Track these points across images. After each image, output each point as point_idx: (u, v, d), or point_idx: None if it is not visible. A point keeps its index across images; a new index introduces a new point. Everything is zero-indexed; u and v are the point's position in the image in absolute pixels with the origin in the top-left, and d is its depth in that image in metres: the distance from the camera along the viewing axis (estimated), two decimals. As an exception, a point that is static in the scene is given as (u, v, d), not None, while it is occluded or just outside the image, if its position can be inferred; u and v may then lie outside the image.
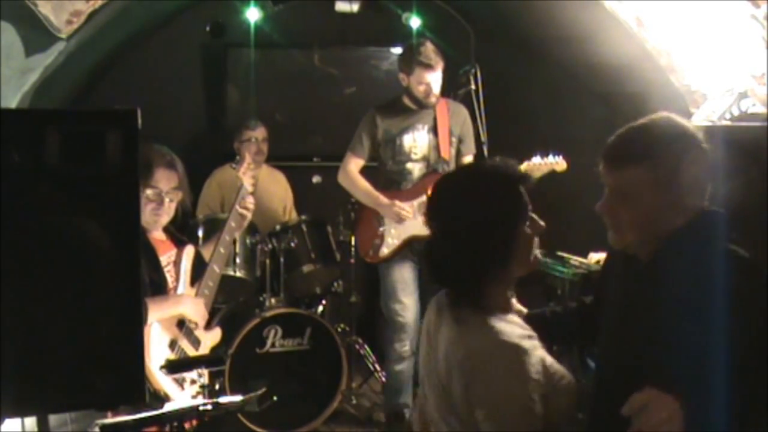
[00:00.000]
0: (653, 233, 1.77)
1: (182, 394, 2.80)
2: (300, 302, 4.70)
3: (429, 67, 4.01)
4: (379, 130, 4.20)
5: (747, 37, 3.38)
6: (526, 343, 1.71)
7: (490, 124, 3.74)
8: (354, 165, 4.25)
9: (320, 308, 4.79)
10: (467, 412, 1.73)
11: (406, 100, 4.20)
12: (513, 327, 1.78)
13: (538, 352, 1.72)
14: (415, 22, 5.36)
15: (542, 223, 1.80)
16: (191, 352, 2.94)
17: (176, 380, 2.81)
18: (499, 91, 4.23)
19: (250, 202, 3.27)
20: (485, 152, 3.75)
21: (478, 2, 5.14)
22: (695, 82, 3.86)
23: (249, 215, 3.27)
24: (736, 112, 3.44)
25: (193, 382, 2.86)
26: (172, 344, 2.88)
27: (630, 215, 1.75)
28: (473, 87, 3.77)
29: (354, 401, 4.63)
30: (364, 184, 4.24)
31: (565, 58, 5.18)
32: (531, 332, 1.82)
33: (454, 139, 4.22)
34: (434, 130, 4.18)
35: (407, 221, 4.10)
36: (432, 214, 1.80)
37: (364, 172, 4.30)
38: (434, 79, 4.06)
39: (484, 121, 3.73)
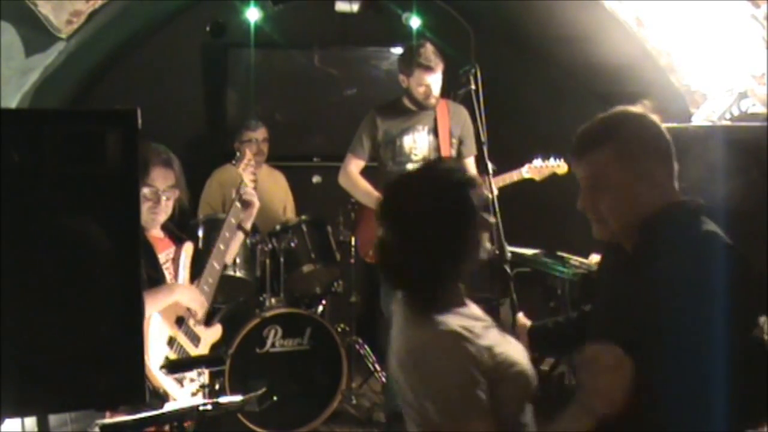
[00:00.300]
0: (633, 216, 1.79)
1: (181, 392, 2.80)
2: (300, 302, 4.70)
3: (428, 68, 4.02)
4: (379, 131, 4.20)
5: (747, 37, 3.38)
6: (468, 331, 1.75)
7: (490, 124, 3.73)
8: (354, 166, 4.24)
9: (320, 308, 4.79)
10: (418, 404, 1.77)
11: (407, 102, 4.20)
12: (460, 318, 1.80)
13: (484, 341, 1.75)
14: (415, 22, 5.36)
15: (492, 219, 1.92)
16: (190, 349, 2.94)
17: (175, 378, 2.81)
18: (499, 91, 4.22)
19: (250, 191, 3.24)
20: (485, 152, 3.74)
21: (478, 2, 5.14)
22: (695, 82, 3.86)
23: (255, 201, 3.23)
24: (736, 112, 3.44)
25: (192, 380, 2.86)
26: (171, 341, 2.88)
27: (606, 201, 1.79)
28: (473, 87, 3.75)
29: (354, 401, 4.63)
30: (365, 184, 4.23)
31: (565, 58, 5.18)
32: (486, 321, 1.86)
33: (454, 141, 4.22)
34: (434, 131, 4.19)
35: None
36: (383, 215, 1.83)
37: (365, 172, 4.30)
38: (434, 80, 4.07)
39: (484, 121, 3.72)
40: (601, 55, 4.54)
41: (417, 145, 4.19)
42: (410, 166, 4.17)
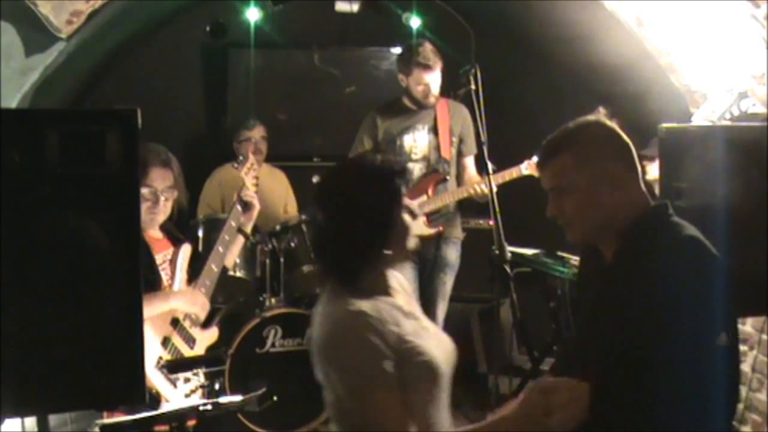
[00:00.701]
0: (601, 218, 1.85)
1: (174, 393, 2.79)
2: (300, 302, 4.69)
3: (427, 67, 4.02)
4: (379, 131, 4.20)
5: (747, 37, 3.37)
6: (377, 312, 1.81)
7: (490, 124, 3.73)
8: None
9: (320, 308, 4.78)
10: (329, 384, 1.89)
11: (406, 101, 4.20)
12: (375, 303, 1.85)
13: (393, 326, 1.80)
14: (415, 22, 5.36)
15: (417, 211, 1.98)
16: (185, 350, 2.93)
17: (169, 378, 2.80)
18: (499, 91, 4.22)
19: (251, 193, 3.24)
20: (485, 152, 3.74)
21: (478, 2, 5.13)
22: (695, 82, 3.86)
23: (255, 203, 3.24)
24: (736, 112, 3.43)
25: (187, 380, 2.86)
26: (165, 342, 2.87)
27: (571, 204, 1.85)
28: (473, 87, 3.75)
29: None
30: None
31: (565, 58, 5.18)
32: (411, 314, 1.91)
33: (454, 139, 4.22)
34: (434, 130, 4.19)
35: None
36: (318, 200, 1.94)
37: None
38: (432, 79, 4.07)
39: (484, 121, 3.72)
40: (601, 55, 4.54)
41: (417, 144, 4.20)
42: (410, 166, 4.17)
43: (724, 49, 3.56)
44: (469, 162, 4.30)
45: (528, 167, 4.19)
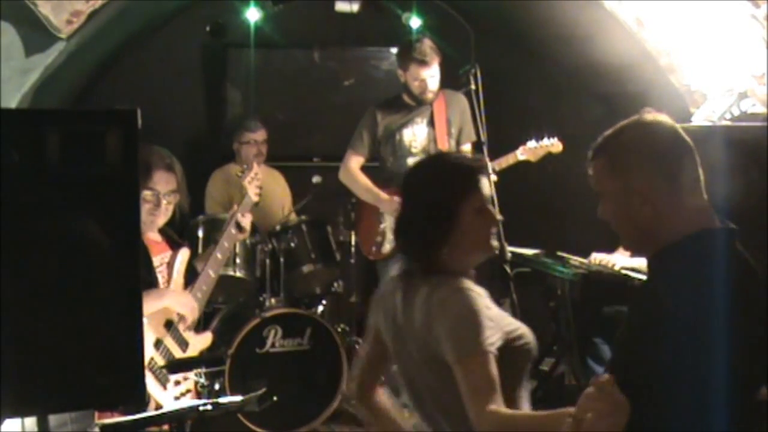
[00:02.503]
0: (632, 230, 1.75)
1: (164, 395, 2.79)
2: (300, 302, 4.69)
3: (423, 63, 4.02)
4: (379, 127, 4.22)
5: (747, 37, 3.38)
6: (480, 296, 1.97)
7: (490, 124, 3.74)
8: (355, 162, 4.27)
9: (320, 308, 4.79)
10: (430, 356, 1.97)
11: (406, 97, 4.21)
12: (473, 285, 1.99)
13: (494, 309, 1.96)
14: (415, 22, 5.35)
15: (498, 216, 2.09)
16: (177, 353, 2.93)
17: (159, 380, 2.80)
18: (499, 91, 4.22)
19: (246, 222, 3.23)
20: (485, 152, 3.74)
21: (478, 2, 5.14)
22: (695, 82, 3.86)
23: (248, 228, 3.24)
24: (736, 112, 3.44)
25: (177, 383, 2.85)
26: (158, 343, 2.86)
27: (608, 212, 1.77)
28: (473, 87, 3.76)
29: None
30: (365, 180, 4.26)
31: (565, 57, 5.18)
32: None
33: (453, 130, 4.22)
34: (432, 122, 4.20)
35: None
36: (403, 190, 2.12)
37: (365, 172, 4.30)
38: (429, 75, 4.06)
39: (484, 121, 3.73)
40: (601, 55, 4.54)
41: (416, 137, 4.21)
42: (410, 160, 4.17)
43: (724, 49, 3.56)
44: (467, 149, 4.26)
45: (523, 152, 4.15)
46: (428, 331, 1.97)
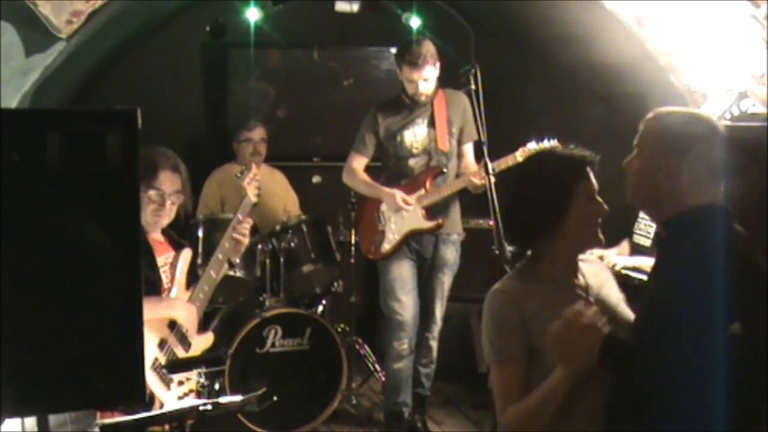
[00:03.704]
0: (648, 197, 2.00)
1: (168, 395, 2.80)
2: (300, 302, 4.70)
3: (414, 65, 3.98)
4: (380, 128, 4.20)
5: (747, 37, 3.38)
6: (516, 291, 2.07)
7: (491, 124, 3.73)
8: (358, 163, 4.25)
9: (320, 308, 4.79)
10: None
11: (404, 98, 4.20)
12: (530, 284, 2.06)
13: (533, 305, 2.00)
14: (415, 22, 5.36)
15: (605, 207, 2.08)
16: (180, 353, 2.93)
17: (163, 380, 2.80)
18: (499, 91, 4.22)
19: (245, 227, 3.21)
20: (486, 152, 3.73)
21: (478, 2, 5.14)
22: (695, 82, 3.86)
23: (245, 241, 3.21)
24: (736, 112, 3.44)
25: (180, 383, 2.86)
26: (162, 344, 2.87)
27: (636, 167, 2.01)
28: (473, 87, 3.74)
29: (354, 401, 4.63)
30: (365, 177, 4.25)
31: (565, 57, 5.18)
32: (577, 299, 2.00)
33: (454, 130, 4.19)
34: (432, 122, 4.17)
35: (407, 215, 4.11)
36: (516, 181, 2.23)
37: (368, 172, 4.30)
38: (421, 77, 4.01)
39: (484, 121, 3.72)
40: (602, 55, 4.54)
41: (417, 138, 4.18)
42: (412, 161, 4.17)
43: (724, 49, 3.56)
44: (468, 149, 4.26)
45: (523, 154, 4.04)
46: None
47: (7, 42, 3.49)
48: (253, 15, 5.37)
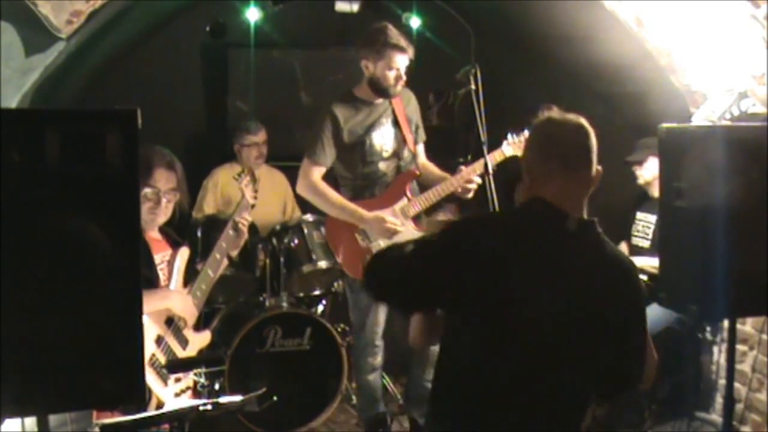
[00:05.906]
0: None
1: (165, 391, 2.80)
2: (300, 302, 4.70)
3: (401, 49, 3.68)
4: (343, 132, 3.78)
5: (747, 37, 3.37)
6: None
7: (490, 124, 3.73)
8: (317, 173, 3.80)
9: (320, 308, 4.79)
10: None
11: (361, 93, 3.84)
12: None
13: None
14: (415, 22, 5.36)
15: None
16: (178, 350, 2.93)
17: (160, 376, 2.80)
18: (499, 91, 4.22)
19: (246, 217, 3.21)
20: (485, 152, 3.73)
21: (478, 2, 5.14)
22: (695, 82, 3.86)
23: (245, 233, 3.22)
24: (736, 112, 3.44)
25: (177, 379, 2.86)
26: (159, 340, 2.87)
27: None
28: (473, 87, 3.73)
29: (354, 401, 4.63)
30: (337, 196, 3.83)
31: (565, 57, 5.18)
32: None
33: (412, 127, 3.98)
34: (396, 122, 3.89)
35: (398, 233, 3.75)
36: None
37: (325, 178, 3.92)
38: (404, 63, 3.74)
39: (484, 121, 3.72)
40: (601, 54, 4.54)
41: (385, 140, 3.85)
42: (383, 165, 3.86)
43: (724, 49, 3.56)
44: (420, 150, 4.06)
45: (510, 145, 3.88)
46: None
47: (7, 42, 3.49)
48: (253, 15, 5.37)
